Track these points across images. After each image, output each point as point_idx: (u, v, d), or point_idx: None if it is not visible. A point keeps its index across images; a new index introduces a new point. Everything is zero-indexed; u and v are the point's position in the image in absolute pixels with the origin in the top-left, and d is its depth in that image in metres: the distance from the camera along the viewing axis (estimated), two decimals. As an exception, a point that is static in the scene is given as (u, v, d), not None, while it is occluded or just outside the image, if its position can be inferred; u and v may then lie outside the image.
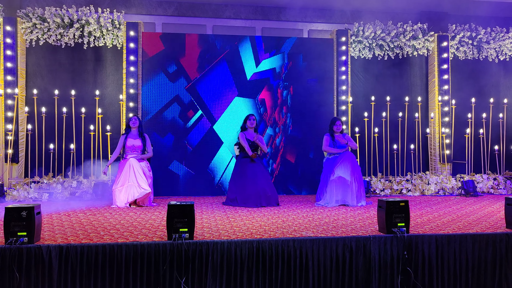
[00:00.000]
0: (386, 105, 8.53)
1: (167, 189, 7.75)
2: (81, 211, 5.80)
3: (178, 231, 3.76)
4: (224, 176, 7.98)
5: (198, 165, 7.95)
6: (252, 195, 6.29)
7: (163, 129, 7.89)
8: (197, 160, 7.94)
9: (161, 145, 7.82)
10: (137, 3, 8.36)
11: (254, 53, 8.20)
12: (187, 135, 7.95)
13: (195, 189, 7.86)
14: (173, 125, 7.94)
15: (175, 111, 7.95)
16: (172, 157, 7.87)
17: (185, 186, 7.85)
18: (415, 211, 5.65)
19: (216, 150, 8.00)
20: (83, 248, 3.65)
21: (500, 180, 8.29)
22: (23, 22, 7.70)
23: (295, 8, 8.77)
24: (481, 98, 8.91)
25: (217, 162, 8.00)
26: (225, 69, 8.12)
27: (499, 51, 9.00)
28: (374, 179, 8.08)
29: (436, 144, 8.64)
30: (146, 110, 7.88)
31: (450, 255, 4.05)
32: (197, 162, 7.94)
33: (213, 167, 7.99)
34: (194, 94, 8.00)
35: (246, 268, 3.79)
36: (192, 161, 7.94)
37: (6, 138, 7.51)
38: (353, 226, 4.54)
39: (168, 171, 7.83)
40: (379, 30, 8.49)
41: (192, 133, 7.97)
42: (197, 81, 8.02)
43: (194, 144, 7.96)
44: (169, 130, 7.91)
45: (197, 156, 7.95)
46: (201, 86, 8.03)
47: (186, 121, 7.97)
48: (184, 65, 8.00)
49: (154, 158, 7.35)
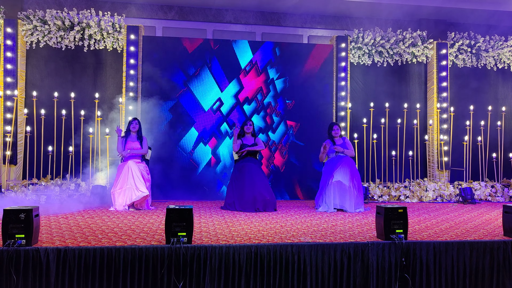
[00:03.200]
0: (385, 111, 8.56)
1: (165, 192, 7.75)
2: (79, 213, 5.79)
3: (177, 235, 3.76)
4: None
5: (194, 167, 7.95)
6: (249, 200, 6.28)
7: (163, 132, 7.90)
8: (192, 163, 7.95)
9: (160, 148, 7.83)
10: (138, 7, 8.39)
11: (252, 53, 8.23)
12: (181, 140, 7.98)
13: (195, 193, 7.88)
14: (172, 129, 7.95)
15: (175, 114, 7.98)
16: (171, 160, 7.89)
17: (184, 190, 7.86)
18: (413, 218, 5.65)
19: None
20: (81, 251, 3.65)
21: (497, 187, 8.31)
22: (24, 24, 7.71)
23: (295, 14, 8.82)
24: (479, 105, 8.95)
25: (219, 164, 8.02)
26: (224, 73, 8.15)
27: (498, 59, 9.05)
28: (372, 185, 8.09)
29: (435, 151, 8.66)
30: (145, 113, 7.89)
31: (447, 262, 4.06)
32: (192, 165, 7.95)
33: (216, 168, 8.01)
34: (192, 98, 8.02)
35: (244, 273, 3.79)
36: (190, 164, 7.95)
37: (5, 140, 7.50)
38: (351, 232, 4.54)
39: (167, 173, 7.83)
40: (378, 37, 8.53)
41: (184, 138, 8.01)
42: (194, 85, 8.04)
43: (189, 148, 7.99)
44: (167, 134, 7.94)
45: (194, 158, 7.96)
46: (199, 90, 8.05)
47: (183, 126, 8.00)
48: (183, 69, 8.01)
49: (156, 161, 7.35)
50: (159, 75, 7.90)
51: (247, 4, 8.48)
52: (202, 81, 8.08)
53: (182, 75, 8.01)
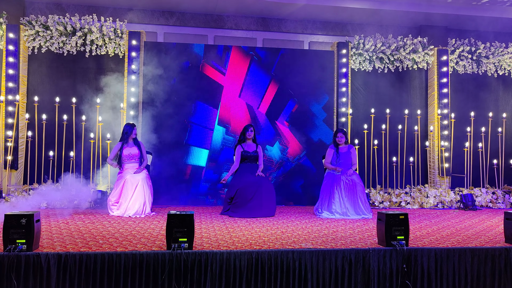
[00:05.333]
0: (386, 117, 8.57)
1: (167, 197, 7.74)
2: (79, 219, 5.78)
3: (178, 241, 3.76)
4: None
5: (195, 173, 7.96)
6: (249, 205, 6.27)
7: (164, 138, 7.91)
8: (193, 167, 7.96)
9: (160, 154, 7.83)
10: (139, 13, 8.42)
11: (253, 62, 8.25)
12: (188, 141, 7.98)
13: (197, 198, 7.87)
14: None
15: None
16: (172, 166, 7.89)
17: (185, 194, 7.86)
18: (414, 224, 5.64)
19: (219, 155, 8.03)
20: (81, 256, 3.64)
21: (498, 194, 8.30)
22: (26, 30, 7.75)
23: (296, 20, 8.85)
24: (480, 112, 8.96)
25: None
26: (227, 79, 8.16)
27: (498, 66, 9.07)
28: (373, 191, 8.08)
29: (435, 157, 8.66)
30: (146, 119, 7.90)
31: (449, 268, 4.05)
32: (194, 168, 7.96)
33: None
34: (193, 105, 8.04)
35: (245, 279, 3.78)
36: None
37: (6, 145, 7.51)
38: (352, 238, 4.54)
39: (167, 179, 7.83)
40: (379, 43, 8.56)
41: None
42: (196, 90, 8.06)
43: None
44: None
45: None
46: (200, 96, 8.08)
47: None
48: (185, 74, 8.03)
49: (158, 168, 7.35)
50: (160, 81, 7.92)
51: (248, 10, 8.51)
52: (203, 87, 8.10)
53: (183, 81, 8.03)
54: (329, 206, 6.42)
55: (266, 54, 8.29)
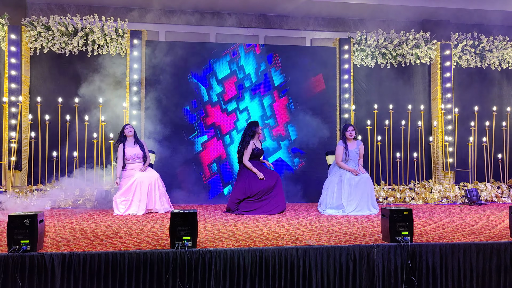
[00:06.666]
0: (389, 113, 8.53)
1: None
2: (83, 218, 5.79)
3: (181, 239, 3.75)
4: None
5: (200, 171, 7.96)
6: (255, 203, 6.28)
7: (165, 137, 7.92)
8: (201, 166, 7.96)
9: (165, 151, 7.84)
10: (140, 12, 8.42)
11: (256, 60, 8.23)
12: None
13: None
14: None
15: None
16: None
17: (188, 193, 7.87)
18: (418, 220, 5.62)
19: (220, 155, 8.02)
20: (86, 256, 3.65)
21: (503, 188, 8.26)
22: (28, 31, 7.75)
23: (298, 16, 8.82)
24: (484, 106, 8.91)
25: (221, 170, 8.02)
26: (230, 78, 8.15)
27: (502, 60, 9.01)
28: (377, 187, 8.05)
29: (439, 152, 8.62)
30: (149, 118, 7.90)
31: (454, 264, 4.02)
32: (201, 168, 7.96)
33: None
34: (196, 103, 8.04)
35: (249, 277, 3.78)
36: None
37: (10, 146, 7.54)
38: (357, 235, 4.52)
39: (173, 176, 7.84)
40: (381, 38, 8.51)
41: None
42: (198, 90, 8.06)
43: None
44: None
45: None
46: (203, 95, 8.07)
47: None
48: (186, 73, 8.03)
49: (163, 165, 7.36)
50: (162, 80, 7.92)
51: (249, 7, 8.49)
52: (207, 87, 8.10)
53: (185, 80, 8.02)
54: (333, 202, 6.36)
55: (268, 51, 8.27)
